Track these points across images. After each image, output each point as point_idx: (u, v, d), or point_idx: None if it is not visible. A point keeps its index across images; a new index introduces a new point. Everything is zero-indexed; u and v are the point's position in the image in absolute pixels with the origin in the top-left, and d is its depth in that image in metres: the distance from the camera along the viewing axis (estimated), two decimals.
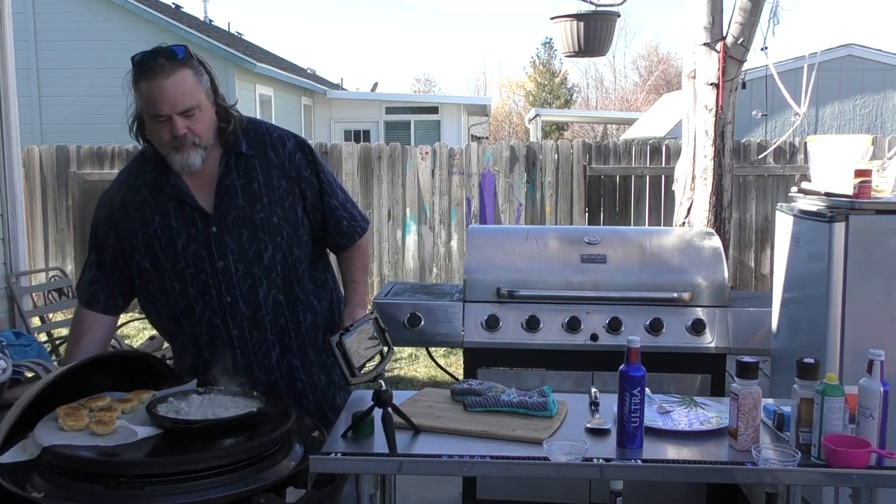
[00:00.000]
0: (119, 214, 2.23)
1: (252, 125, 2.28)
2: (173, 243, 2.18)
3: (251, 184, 2.21)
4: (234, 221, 2.18)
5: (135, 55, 2.07)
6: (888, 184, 2.87)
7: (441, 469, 1.99)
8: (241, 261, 2.19)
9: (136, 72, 2.05)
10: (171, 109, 2.04)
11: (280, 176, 2.24)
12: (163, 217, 2.19)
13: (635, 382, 1.85)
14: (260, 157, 2.23)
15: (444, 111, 17.13)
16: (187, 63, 2.06)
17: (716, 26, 4.35)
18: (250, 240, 2.19)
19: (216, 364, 2.15)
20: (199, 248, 2.18)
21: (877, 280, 2.73)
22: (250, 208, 2.19)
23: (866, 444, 1.76)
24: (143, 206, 2.21)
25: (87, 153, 8.43)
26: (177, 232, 2.18)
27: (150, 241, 2.19)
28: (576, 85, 35.76)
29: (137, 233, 2.20)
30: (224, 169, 2.20)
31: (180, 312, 2.23)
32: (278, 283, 2.23)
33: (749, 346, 3.21)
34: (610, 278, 3.30)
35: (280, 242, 2.22)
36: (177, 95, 2.03)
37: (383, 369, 1.96)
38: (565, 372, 3.24)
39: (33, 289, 5.45)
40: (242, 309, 2.20)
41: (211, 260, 2.18)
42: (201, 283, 2.19)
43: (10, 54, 5.05)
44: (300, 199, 2.27)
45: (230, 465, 1.72)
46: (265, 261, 2.20)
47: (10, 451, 1.75)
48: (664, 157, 7.96)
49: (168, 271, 2.20)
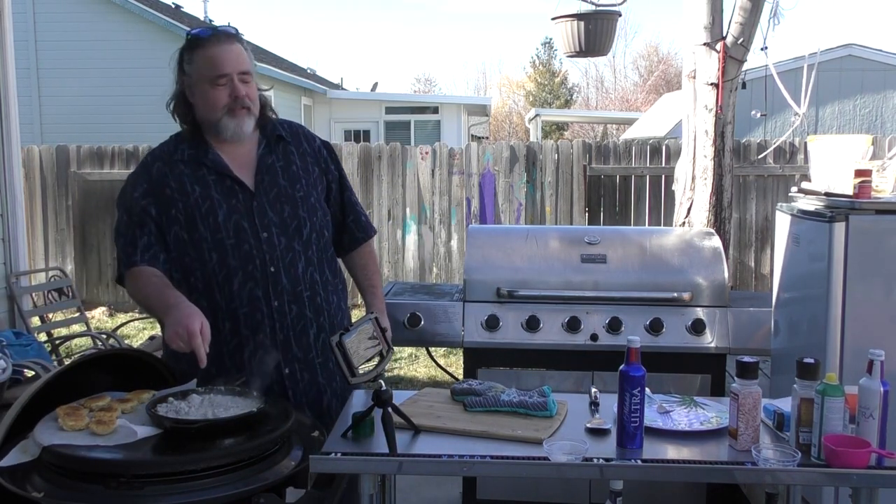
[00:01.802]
0: (158, 187, 2.25)
1: (286, 120, 2.45)
2: (214, 212, 2.21)
3: (290, 166, 2.32)
4: (276, 198, 2.26)
5: (189, 31, 2.25)
6: (888, 184, 2.87)
7: (441, 469, 1.99)
8: (283, 234, 2.24)
9: (192, 44, 2.20)
10: (234, 69, 2.18)
11: (313, 163, 2.38)
12: (203, 188, 2.23)
13: (635, 382, 1.84)
14: (295, 144, 2.38)
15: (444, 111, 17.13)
16: (241, 41, 2.25)
17: (716, 26, 4.35)
18: (291, 215, 2.26)
19: (254, 338, 2.18)
20: (240, 220, 2.22)
21: (877, 280, 2.73)
22: (291, 187, 2.29)
23: (866, 444, 1.76)
24: (181, 177, 2.24)
25: (87, 153, 8.44)
26: (217, 202, 2.22)
27: (190, 211, 2.21)
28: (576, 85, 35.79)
29: (178, 203, 2.22)
30: (265, 150, 2.31)
31: (217, 284, 2.22)
32: (314, 260, 2.31)
33: (749, 346, 3.20)
34: (610, 278, 3.30)
35: (315, 222, 2.31)
36: (239, 57, 2.20)
37: (383, 369, 1.95)
38: (565, 372, 3.24)
39: (33, 289, 5.45)
40: (284, 281, 2.23)
41: (254, 231, 2.22)
42: (243, 254, 2.20)
43: (10, 54, 5.05)
44: (326, 189, 2.40)
45: (230, 465, 1.72)
46: (304, 236, 2.28)
47: (11, 453, 1.75)
48: (664, 157, 7.97)
49: (207, 241, 2.20)
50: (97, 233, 8.44)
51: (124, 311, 8.30)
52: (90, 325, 5.55)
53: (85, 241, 8.46)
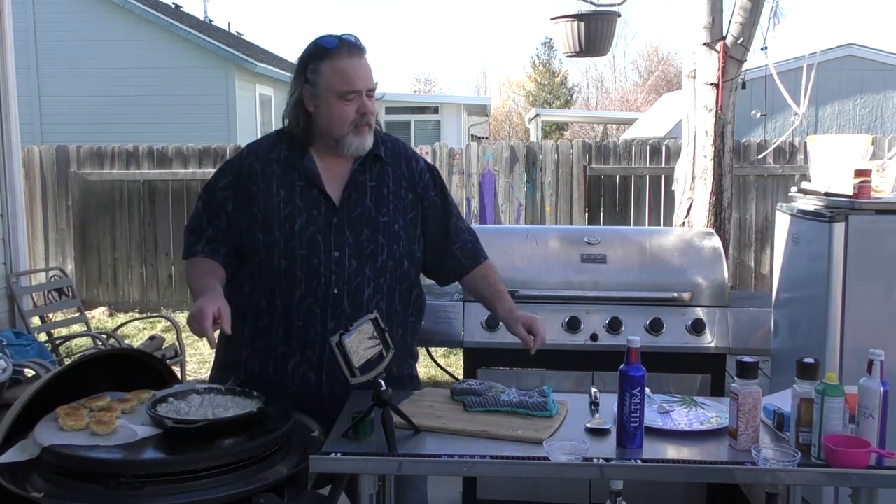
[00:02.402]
0: (244, 181, 2.23)
1: (388, 137, 2.34)
2: (292, 220, 2.18)
3: (381, 188, 2.25)
4: (358, 218, 2.21)
5: (319, 38, 2.18)
6: (888, 184, 2.87)
7: (441, 469, 1.99)
8: (356, 257, 2.19)
9: (320, 53, 2.14)
10: (364, 85, 2.14)
11: (408, 188, 2.29)
12: (289, 193, 2.20)
13: (635, 382, 1.84)
14: (394, 166, 2.29)
15: (444, 111, 17.14)
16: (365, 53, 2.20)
17: (716, 26, 4.35)
18: (369, 239, 2.21)
19: (302, 353, 2.17)
20: (316, 233, 2.18)
21: (877, 280, 2.73)
22: (376, 209, 2.22)
23: (866, 444, 1.76)
24: (271, 177, 2.22)
25: (87, 153, 8.44)
26: (298, 210, 2.18)
27: (269, 213, 2.19)
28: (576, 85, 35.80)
29: (260, 203, 2.20)
30: (359, 167, 2.23)
31: (280, 291, 2.20)
32: (384, 289, 2.24)
33: (749, 346, 3.21)
34: (610, 278, 3.30)
35: (395, 250, 2.24)
36: (367, 74, 2.16)
37: (383, 370, 1.95)
38: (565, 372, 3.24)
39: (33, 289, 5.45)
40: (345, 305, 2.19)
41: (327, 248, 2.18)
42: (311, 268, 2.17)
43: (10, 54, 5.05)
44: (420, 217, 2.31)
45: (230, 465, 1.72)
46: (378, 263, 2.22)
47: (10, 451, 1.75)
48: (664, 157, 7.97)
49: (280, 246, 2.18)
50: (97, 233, 8.44)
51: (124, 311, 8.30)
52: (90, 325, 5.55)
53: (85, 241, 8.46)
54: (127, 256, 8.45)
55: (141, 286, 8.49)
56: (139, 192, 8.39)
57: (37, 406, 1.85)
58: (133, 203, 8.40)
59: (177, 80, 12.63)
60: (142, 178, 8.36)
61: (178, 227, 8.40)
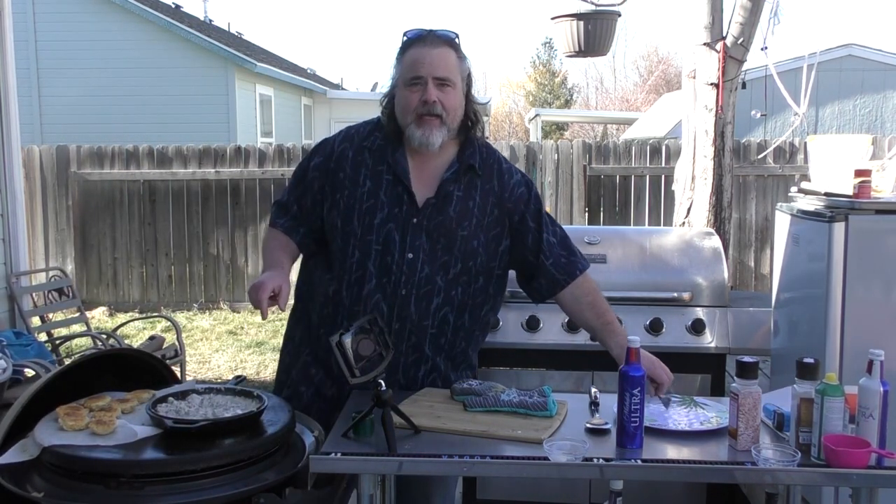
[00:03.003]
0: (334, 165, 2.23)
1: (487, 148, 2.29)
2: (373, 213, 2.17)
3: (467, 200, 2.20)
4: (437, 226, 2.17)
5: (407, 31, 2.19)
6: (888, 184, 2.87)
7: (441, 469, 1.98)
8: (429, 263, 2.17)
9: (405, 45, 2.15)
10: (429, 72, 2.09)
11: (496, 204, 2.23)
12: (374, 185, 2.18)
13: (635, 382, 1.85)
14: (485, 180, 2.23)
15: None
16: (454, 46, 2.16)
17: (716, 26, 4.35)
18: (444, 249, 2.18)
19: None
20: (394, 230, 2.16)
21: (877, 280, 2.73)
22: (457, 222, 2.18)
23: (866, 444, 1.76)
24: (360, 166, 2.20)
25: (87, 153, 8.44)
26: (381, 204, 2.17)
27: (351, 202, 2.18)
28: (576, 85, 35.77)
29: (344, 189, 2.20)
30: (451, 175, 2.19)
31: (348, 282, 2.20)
32: (455, 302, 2.21)
33: (749, 346, 3.20)
34: (610, 278, 3.30)
35: (471, 266, 2.21)
36: (438, 63, 2.11)
37: (383, 370, 1.95)
38: (565, 372, 3.24)
39: (33, 289, 5.45)
40: (412, 309, 2.17)
41: (402, 247, 2.16)
42: (384, 265, 2.16)
43: (10, 54, 5.05)
44: (508, 233, 2.25)
45: (230, 465, 1.72)
46: (450, 275, 2.19)
47: (10, 451, 1.75)
48: (664, 157, 7.97)
49: (356, 237, 2.17)
50: (97, 233, 8.44)
51: (124, 311, 8.30)
52: (90, 325, 5.55)
53: (85, 241, 8.46)
54: (127, 256, 8.45)
55: (141, 286, 8.49)
56: (139, 192, 8.39)
57: (37, 406, 1.85)
58: (133, 203, 8.40)
59: (177, 80, 12.63)
60: (142, 178, 8.37)
61: (179, 226, 8.41)
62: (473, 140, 2.23)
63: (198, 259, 8.46)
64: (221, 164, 8.40)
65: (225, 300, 8.43)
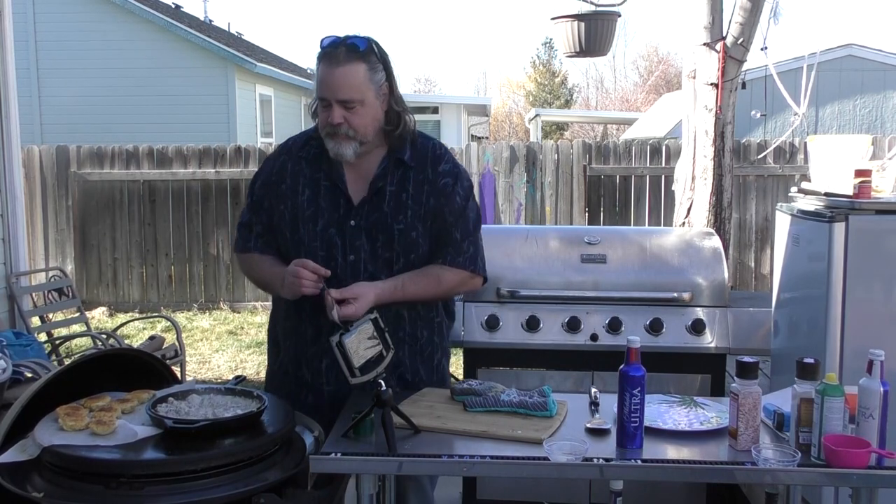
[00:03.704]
0: (276, 178, 2.28)
1: (421, 138, 2.30)
2: (315, 220, 2.21)
3: (401, 193, 2.22)
4: (374, 224, 2.20)
5: (324, 38, 2.15)
6: (888, 184, 2.87)
7: (441, 469, 1.99)
8: (371, 262, 2.20)
9: (319, 55, 2.14)
10: (332, 95, 2.11)
11: (430, 193, 2.23)
12: (313, 192, 2.23)
13: (635, 382, 1.85)
14: (417, 171, 2.25)
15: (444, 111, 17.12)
16: (364, 58, 2.11)
17: (716, 26, 4.35)
18: (384, 246, 2.20)
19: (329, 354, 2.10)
20: (335, 235, 2.20)
21: (877, 280, 2.73)
22: (393, 217, 2.20)
23: (866, 444, 1.76)
24: (298, 175, 2.25)
25: (87, 153, 8.44)
26: (321, 211, 2.21)
27: (295, 211, 2.23)
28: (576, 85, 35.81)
29: (287, 200, 2.24)
30: (381, 171, 2.22)
31: None
32: None
33: (749, 346, 3.20)
34: (610, 278, 3.30)
35: (413, 259, 2.22)
36: (341, 85, 2.10)
37: (383, 370, 1.95)
38: (565, 372, 3.24)
39: (33, 289, 5.45)
40: None
41: (344, 250, 2.20)
42: (330, 269, 2.16)
43: (10, 54, 5.05)
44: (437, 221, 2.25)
45: (230, 465, 1.72)
46: (393, 270, 2.21)
47: (9, 451, 1.75)
48: (664, 157, 7.97)
49: (304, 245, 2.21)
50: (97, 233, 8.44)
51: (124, 311, 8.30)
52: (90, 325, 5.55)
53: (85, 241, 8.46)
54: (127, 256, 8.45)
55: (141, 286, 8.49)
56: (139, 192, 8.39)
57: (37, 406, 1.85)
58: (133, 203, 8.40)
59: (177, 80, 12.64)
60: (142, 178, 8.36)
61: (178, 227, 8.41)
62: (405, 136, 2.24)
63: (198, 259, 8.46)
64: (221, 164, 8.40)
65: (225, 300, 8.43)
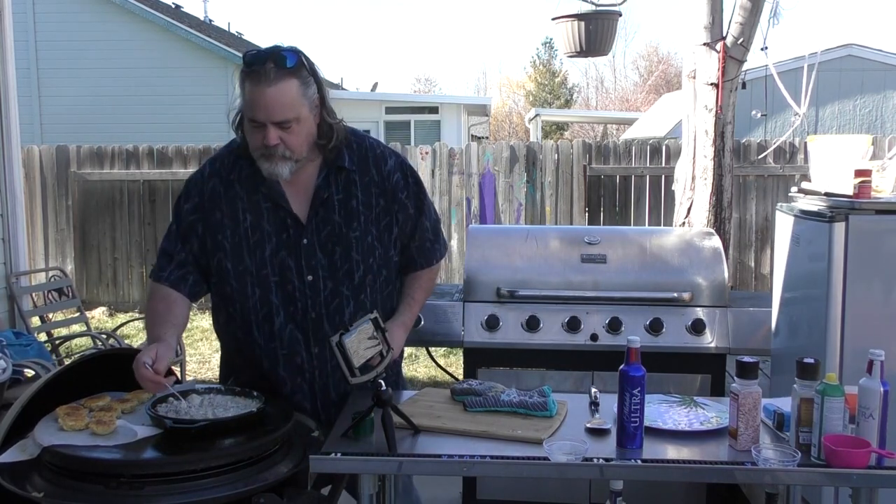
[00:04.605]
0: (208, 205, 2.13)
1: (356, 139, 2.20)
2: (262, 246, 2.09)
3: (350, 200, 2.14)
4: (328, 237, 2.11)
5: (247, 52, 2.02)
6: (888, 184, 2.87)
7: (441, 469, 1.99)
8: (331, 278, 2.11)
9: (244, 71, 2.00)
10: (267, 118, 1.98)
11: (379, 194, 2.17)
12: (255, 217, 2.10)
13: (635, 382, 1.85)
14: (361, 174, 2.16)
15: (444, 111, 17.11)
16: (295, 73, 1.99)
17: (716, 26, 4.36)
18: (343, 257, 2.12)
19: (293, 382, 2.11)
20: (287, 258, 2.10)
21: (877, 280, 2.73)
22: (346, 225, 2.12)
23: (866, 444, 1.76)
24: (235, 201, 2.11)
25: (87, 153, 8.44)
26: (268, 236, 2.09)
27: (237, 241, 2.10)
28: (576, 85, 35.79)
29: (226, 230, 2.11)
30: (323, 181, 2.12)
31: (257, 322, 2.13)
32: (367, 304, 2.15)
33: (749, 346, 3.20)
34: (610, 278, 3.30)
35: (372, 263, 2.16)
36: (275, 106, 1.97)
37: (383, 370, 1.95)
38: (565, 372, 3.24)
39: (33, 289, 5.45)
40: (326, 328, 2.11)
41: (299, 272, 2.10)
42: (286, 294, 2.10)
43: (10, 54, 5.05)
44: (395, 220, 2.20)
45: (230, 465, 1.72)
46: (355, 280, 2.14)
47: (9, 451, 1.75)
48: (664, 157, 7.96)
49: (252, 275, 2.10)
50: (97, 233, 8.44)
51: (124, 311, 8.30)
52: (90, 325, 5.55)
53: (85, 241, 8.46)
54: (127, 256, 8.45)
55: (141, 286, 8.49)
56: (139, 192, 8.39)
57: (37, 406, 1.85)
58: (133, 203, 8.40)
59: (177, 79, 12.63)
60: (142, 178, 8.36)
61: None
62: (339, 144, 2.13)
63: None
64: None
65: None
